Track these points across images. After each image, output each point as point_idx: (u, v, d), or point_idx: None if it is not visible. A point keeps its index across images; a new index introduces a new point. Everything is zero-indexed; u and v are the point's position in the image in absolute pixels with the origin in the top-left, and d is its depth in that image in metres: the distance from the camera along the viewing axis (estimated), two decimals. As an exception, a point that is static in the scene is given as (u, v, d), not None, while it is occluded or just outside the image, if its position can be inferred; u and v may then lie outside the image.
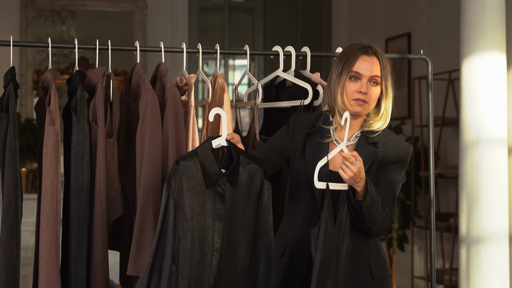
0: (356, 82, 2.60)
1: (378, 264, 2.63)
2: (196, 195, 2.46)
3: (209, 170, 2.46)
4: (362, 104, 2.60)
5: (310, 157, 2.63)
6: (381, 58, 2.64)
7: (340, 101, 2.61)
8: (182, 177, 2.44)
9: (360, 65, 2.60)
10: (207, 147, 2.49)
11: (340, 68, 2.62)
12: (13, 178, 2.67)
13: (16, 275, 2.67)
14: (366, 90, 2.59)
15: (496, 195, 3.59)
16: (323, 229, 2.44)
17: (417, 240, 6.05)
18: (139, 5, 6.62)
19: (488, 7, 3.62)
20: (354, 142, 2.66)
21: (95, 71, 2.84)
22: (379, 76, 2.62)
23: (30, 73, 6.36)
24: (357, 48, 2.64)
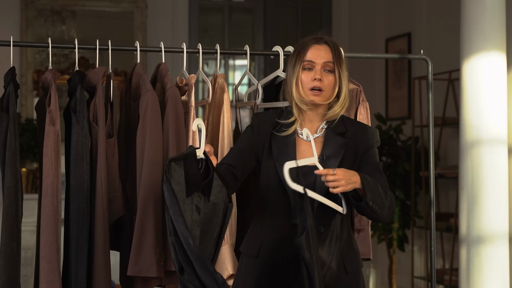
0: (310, 71, 2.61)
1: (351, 258, 2.61)
2: (180, 198, 2.42)
3: (190, 179, 2.43)
4: (319, 93, 2.60)
5: (278, 155, 2.61)
6: (333, 46, 2.67)
7: (296, 93, 2.62)
8: (173, 177, 2.41)
9: (312, 53, 2.62)
10: (191, 155, 2.46)
11: (294, 60, 2.64)
12: (14, 178, 2.67)
13: (16, 275, 2.67)
14: (320, 77, 2.59)
15: (496, 195, 3.58)
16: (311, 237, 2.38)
17: (417, 240, 6.05)
18: (139, 5, 6.62)
19: (488, 7, 3.62)
20: (321, 133, 2.66)
21: (96, 71, 2.84)
22: (332, 62, 2.63)
23: (30, 73, 6.36)
24: (308, 39, 2.69)
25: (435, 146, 5.63)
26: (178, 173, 2.43)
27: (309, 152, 2.59)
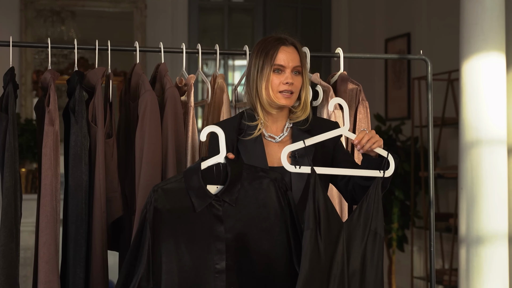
0: (280, 74, 2.60)
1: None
2: (181, 219, 2.37)
3: (194, 193, 2.38)
4: (289, 96, 2.60)
5: (248, 160, 2.58)
6: (299, 48, 2.65)
7: (266, 96, 2.60)
8: (159, 204, 2.36)
9: (282, 57, 2.60)
10: (195, 168, 2.40)
11: (261, 62, 2.60)
12: (13, 178, 2.67)
13: (15, 276, 2.67)
14: (292, 81, 2.59)
15: (496, 196, 3.59)
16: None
17: (417, 240, 6.05)
18: (139, 5, 6.62)
19: (488, 8, 3.62)
20: (287, 132, 2.65)
21: (95, 72, 2.84)
22: (300, 65, 2.63)
23: (29, 74, 6.36)
24: (274, 40, 2.63)
25: (435, 147, 5.63)
26: (175, 192, 2.38)
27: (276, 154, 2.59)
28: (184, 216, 2.37)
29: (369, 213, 2.45)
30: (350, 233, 2.44)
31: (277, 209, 2.42)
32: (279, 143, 2.64)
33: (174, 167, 2.80)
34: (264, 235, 2.40)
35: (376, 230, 2.46)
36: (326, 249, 2.38)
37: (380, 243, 2.47)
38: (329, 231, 2.39)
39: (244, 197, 2.41)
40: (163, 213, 2.36)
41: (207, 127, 2.44)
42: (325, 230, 2.38)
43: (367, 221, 2.45)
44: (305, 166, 2.40)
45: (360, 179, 2.52)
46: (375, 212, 2.45)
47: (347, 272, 2.42)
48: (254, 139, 2.62)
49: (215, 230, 2.37)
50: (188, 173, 2.40)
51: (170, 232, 2.36)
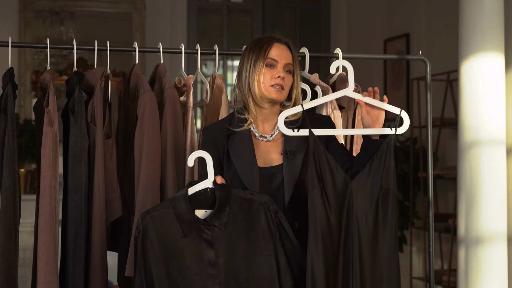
0: (272, 69, 2.62)
1: None
2: (171, 245, 2.37)
3: (183, 219, 2.39)
4: (280, 90, 2.61)
5: (238, 161, 2.59)
6: (292, 48, 2.68)
7: (257, 89, 2.62)
8: (148, 230, 2.37)
9: (275, 52, 2.62)
10: (182, 194, 2.41)
11: (254, 56, 2.63)
12: (12, 179, 2.66)
13: (14, 276, 2.67)
14: (283, 75, 2.61)
15: (495, 196, 3.59)
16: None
17: (416, 241, 6.05)
18: (138, 6, 6.62)
19: (487, 8, 3.62)
20: (278, 131, 2.66)
21: (94, 72, 2.84)
22: (292, 64, 2.65)
23: (28, 74, 6.36)
24: (268, 37, 2.67)
25: (434, 147, 5.63)
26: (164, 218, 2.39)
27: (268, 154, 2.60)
28: (173, 242, 2.38)
29: (380, 170, 2.49)
30: (359, 190, 2.47)
31: (266, 231, 2.42)
32: (271, 142, 2.64)
33: (173, 168, 2.80)
34: (253, 258, 2.41)
35: (389, 187, 2.49)
36: (334, 206, 2.44)
37: (393, 200, 2.50)
38: (335, 189, 2.44)
39: (233, 221, 2.42)
40: (152, 239, 2.37)
41: (195, 153, 2.46)
42: (331, 187, 2.44)
43: (377, 177, 2.49)
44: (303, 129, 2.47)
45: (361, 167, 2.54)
46: (386, 169, 2.49)
47: (357, 229, 2.45)
48: (243, 140, 2.62)
49: (206, 255, 2.39)
50: (176, 199, 2.41)
51: (160, 258, 2.37)
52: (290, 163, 2.58)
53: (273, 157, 2.62)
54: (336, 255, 2.45)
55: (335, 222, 2.44)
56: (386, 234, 2.49)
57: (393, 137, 2.52)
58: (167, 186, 2.79)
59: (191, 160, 2.45)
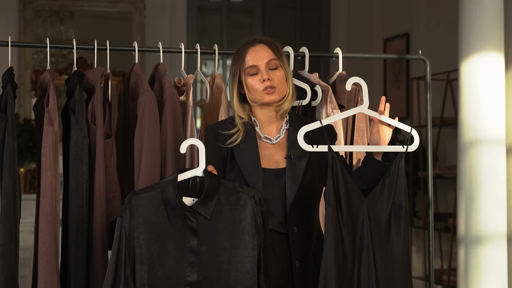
0: (255, 76, 2.59)
1: (320, 252, 2.54)
2: (155, 228, 2.38)
3: (169, 204, 2.39)
4: (272, 90, 2.58)
5: (242, 161, 2.58)
6: (269, 43, 2.63)
7: (249, 98, 2.60)
8: (134, 212, 2.37)
9: (251, 57, 2.59)
10: (172, 179, 2.40)
11: (234, 69, 2.62)
12: (12, 178, 2.66)
13: (14, 276, 2.67)
14: (267, 76, 2.57)
15: (495, 196, 3.59)
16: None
17: (416, 240, 6.05)
18: (138, 5, 6.62)
19: (487, 8, 3.62)
20: (283, 134, 2.64)
21: (94, 72, 2.84)
22: (274, 58, 2.61)
23: (28, 74, 6.36)
24: (243, 45, 2.64)
25: (433, 147, 5.64)
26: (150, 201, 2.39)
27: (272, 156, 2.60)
28: (158, 225, 2.39)
29: (392, 187, 2.51)
30: (373, 207, 2.49)
31: (251, 226, 2.42)
32: (275, 144, 2.63)
33: (173, 167, 2.81)
34: (236, 251, 2.41)
35: (401, 204, 2.51)
36: (348, 224, 2.45)
37: (405, 216, 2.51)
38: (350, 207, 2.46)
39: (220, 212, 2.42)
40: (137, 221, 2.38)
41: (187, 140, 2.45)
42: (346, 205, 2.45)
43: (390, 194, 2.51)
44: (322, 146, 2.48)
45: (360, 182, 2.54)
46: (399, 186, 2.51)
47: (371, 245, 2.47)
48: (248, 140, 2.61)
49: (188, 242, 2.39)
50: (165, 184, 2.41)
51: (143, 240, 2.37)
52: (293, 168, 2.57)
53: (278, 159, 2.61)
54: (351, 273, 2.46)
55: (349, 239, 2.46)
56: (400, 251, 2.51)
57: (404, 155, 2.54)
58: (167, 185, 2.79)
59: (183, 147, 2.43)
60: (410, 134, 2.56)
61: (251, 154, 2.58)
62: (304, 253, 2.57)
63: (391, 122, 2.57)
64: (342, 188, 2.45)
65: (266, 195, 2.54)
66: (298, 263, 2.55)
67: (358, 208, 2.48)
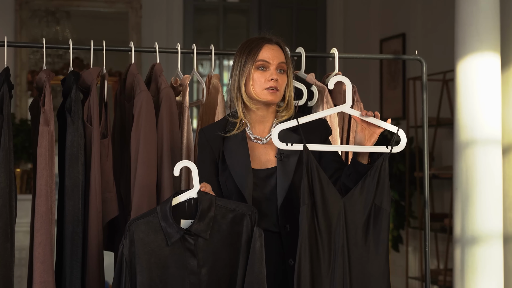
0: (264, 71, 2.59)
1: None
2: (155, 253, 2.41)
3: (166, 228, 2.41)
4: (274, 92, 2.59)
5: (232, 163, 2.59)
6: (283, 47, 2.65)
7: (245, 94, 2.60)
8: (134, 238, 2.40)
9: (266, 53, 2.59)
10: (167, 202, 2.43)
11: (244, 59, 2.60)
12: (8, 178, 2.66)
13: (10, 276, 2.67)
14: (276, 77, 2.58)
15: (491, 196, 3.59)
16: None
17: (412, 240, 6.06)
18: (134, 5, 6.61)
19: (483, 8, 3.62)
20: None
21: (90, 72, 2.84)
22: (285, 63, 2.62)
23: (24, 74, 6.35)
24: (258, 39, 2.64)
25: (430, 147, 5.64)
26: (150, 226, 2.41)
27: (263, 156, 2.60)
28: (158, 250, 2.42)
29: (372, 188, 2.46)
30: (350, 208, 2.46)
31: (245, 242, 2.45)
32: (266, 144, 2.63)
33: (169, 167, 2.80)
34: (235, 269, 2.44)
35: (381, 205, 2.48)
36: (323, 223, 2.42)
37: (385, 218, 2.48)
38: (325, 206, 2.43)
39: (217, 231, 2.44)
40: (137, 247, 2.41)
41: (180, 162, 2.47)
42: (321, 204, 2.43)
43: (369, 195, 2.47)
44: (297, 144, 2.45)
45: (348, 180, 2.53)
46: (380, 187, 2.47)
47: (347, 246, 2.44)
48: (238, 142, 2.61)
49: (188, 264, 2.42)
50: (161, 208, 2.43)
51: (144, 266, 2.40)
52: (283, 166, 2.58)
53: (269, 159, 2.61)
54: (325, 274, 2.43)
55: (324, 240, 2.43)
56: (378, 254, 2.48)
57: (388, 156, 2.50)
58: (163, 185, 2.79)
59: (176, 170, 2.47)
60: (396, 134, 2.54)
61: (241, 156, 2.59)
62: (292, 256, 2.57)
63: (374, 122, 2.52)
64: (317, 186, 2.42)
65: (258, 195, 2.55)
66: (292, 261, 2.55)
67: (334, 208, 2.44)
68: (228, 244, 2.44)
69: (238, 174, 2.56)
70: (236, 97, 2.63)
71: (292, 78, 2.67)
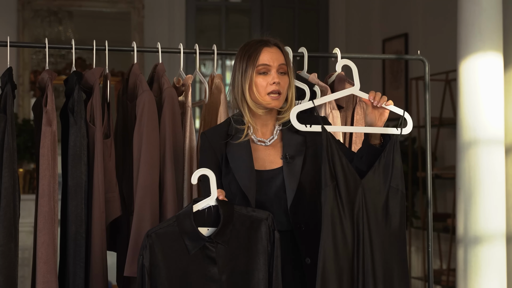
0: (266, 75, 2.58)
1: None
2: (175, 262, 2.41)
3: (188, 236, 2.41)
4: (277, 96, 2.58)
5: (236, 166, 2.58)
6: (282, 48, 2.65)
7: (250, 98, 2.59)
8: (154, 248, 2.40)
9: (265, 56, 2.59)
10: (187, 211, 2.43)
11: (244, 65, 2.59)
12: (11, 178, 2.66)
13: (14, 276, 2.67)
14: (278, 80, 2.57)
15: (493, 196, 3.59)
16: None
17: (415, 240, 6.05)
18: (136, 5, 6.62)
19: (485, 8, 3.62)
20: (277, 135, 2.64)
21: (92, 72, 2.84)
22: (284, 64, 2.62)
23: (27, 74, 6.35)
24: (256, 43, 2.63)
25: (432, 147, 5.64)
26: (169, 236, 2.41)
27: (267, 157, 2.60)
28: (178, 259, 2.42)
29: (388, 170, 2.49)
30: (368, 190, 2.47)
31: (264, 248, 2.46)
32: (269, 146, 2.63)
33: (171, 167, 2.80)
34: (252, 274, 2.45)
35: (398, 187, 2.50)
36: (347, 204, 2.43)
37: (402, 199, 2.50)
38: (347, 187, 2.44)
39: (236, 238, 2.44)
40: (157, 257, 2.40)
41: (199, 170, 2.46)
42: (343, 186, 2.43)
43: (386, 177, 2.49)
44: (315, 125, 2.47)
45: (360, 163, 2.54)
46: (394, 170, 2.50)
47: (368, 228, 2.45)
48: (241, 145, 2.60)
49: (209, 272, 2.42)
50: (181, 217, 2.43)
51: (165, 275, 2.40)
52: (290, 167, 2.58)
53: (273, 160, 2.61)
54: (350, 253, 2.45)
55: (348, 220, 2.44)
56: (396, 234, 2.50)
57: (398, 137, 2.53)
58: (166, 185, 2.80)
59: (194, 178, 2.45)
60: (403, 117, 2.56)
61: (245, 159, 2.58)
62: (315, 249, 2.56)
63: (383, 106, 2.55)
64: (339, 168, 2.43)
65: (263, 197, 2.55)
66: (309, 260, 2.55)
67: (355, 190, 2.46)
68: (246, 250, 2.45)
69: (242, 177, 2.56)
70: (241, 103, 2.62)
71: (293, 78, 2.66)
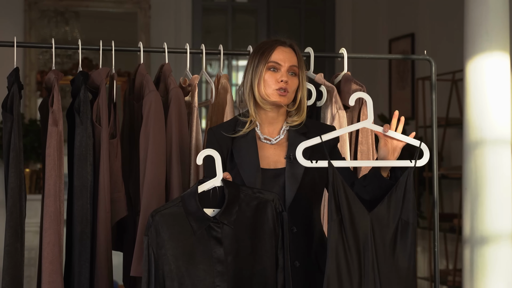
0: (275, 72, 2.60)
1: (324, 256, 2.51)
2: (181, 243, 2.39)
3: (193, 216, 2.40)
4: (284, 94, 2.59)
5: (241, 162, 2.59)
6: (297, 50, 2.66)
7: (259, 93, 2.60)
8: (159, 229, 2.39)
9: (278, 55, 2.61)
10: (192, 192, 2.42)
11: (257, 60, 2.62)
12: (18, 179, 2.67)
13: (20, 276, 2.68)
14: (287, 79, 2.58)
15: (500, 196, 3.58)
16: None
17: (421, 241, 6.05)
18: (143, 6, 6.63)
19: (492, 8, 3.62)
20: (284, 135, 2.65)
21: (99, 72, 2.84)
22: (297, 66, 2.62)
23: (33, 74, 6.37)
24: (272, 41, 2.66)
25: (439, 147, 5.63)
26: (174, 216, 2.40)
27: (272, 156, 2.60)
28: (184, 239, 2.40)
29: (398, 203, 2.46)
30: (378, 223, 2.45)
31: (271, 230, 2.44)
32: (275, 145, 2.63)
33: (178, 167, 2.81)
34: (259, 255, 2.43)
35: (408, 220, 2.47)
36: (352, 238, 2.41)
37: (412, 233, 2.47)
38: (352, 221, 2.42)
39: (242, 219, 2.43)
40: (163, 237, 2.40)
41: (204, 151, 2.46)
42: (349, 220, 2.41)
43: (396, 210, 2.46)
44: (321, 161, 2.44)
45: (363, 191, 2.53)
46: (406, 202, 2.47)
47: (376, 261, 2.43)
48: (248, 142, 2.61)
49: (215, 252, 2.41)
50: (186, 197, 2.43)
51: (171, 256, 2.39)
52: (292, 168, 2.57)
53: (277, 159, 2.61)
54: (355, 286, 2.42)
55: (353, 254, 2.42)
56: (405, 268, 2.47)
57: (412, 170, 2.50)
58: (172, 185, 2.80)
59: (200, 159, 2.45)
60: (419, 148, 2.53)
61: (250, 155, 2.59)
62: (305, 253, 2.56)
63: (398, 137, 2.52)
64: (344, 202, 2.41)
65: None
66: (298, 263, 2.55)
67: (361, 223, 2.43)
68: (252, 231, 2.43)
69: (246, 173, 2.56)
70: (248, 97, 2.63)
71: (304, 82, 2.65)
